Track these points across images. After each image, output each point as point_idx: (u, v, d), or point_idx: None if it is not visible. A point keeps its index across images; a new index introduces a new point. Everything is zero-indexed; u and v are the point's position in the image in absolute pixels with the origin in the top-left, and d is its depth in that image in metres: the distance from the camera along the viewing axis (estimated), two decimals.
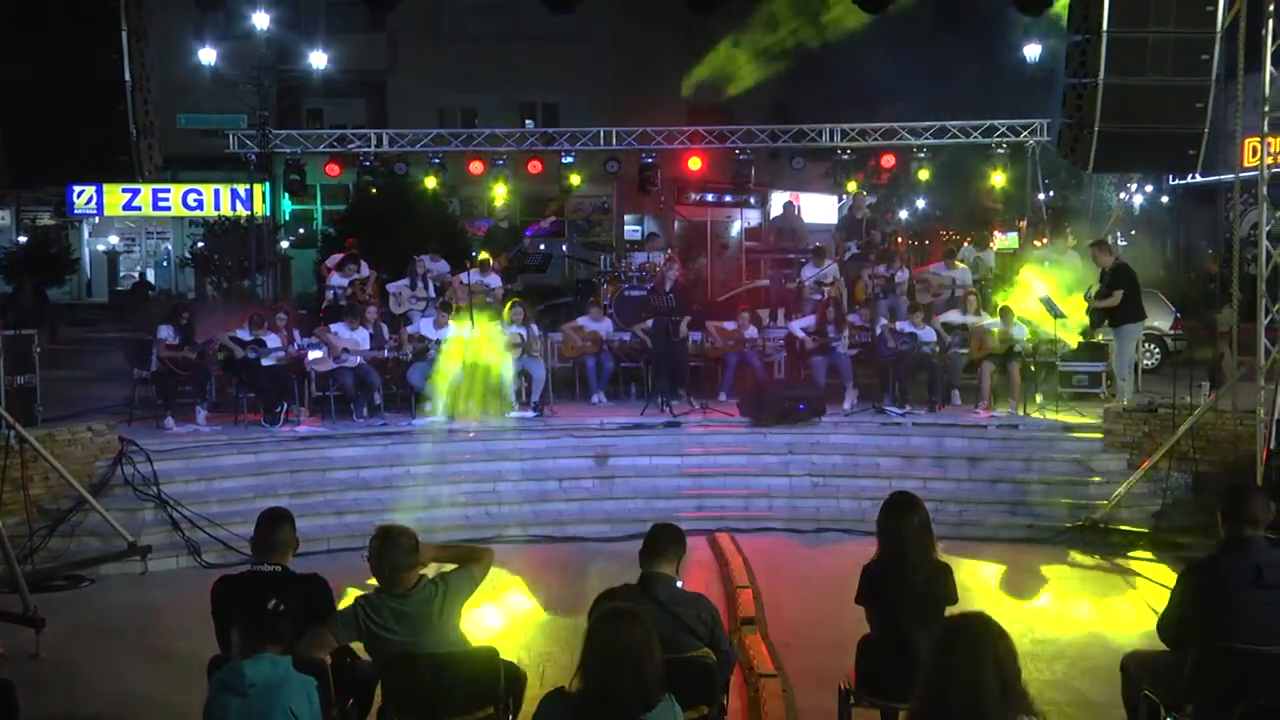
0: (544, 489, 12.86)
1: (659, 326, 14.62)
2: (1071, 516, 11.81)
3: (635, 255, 18.28)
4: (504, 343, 14.12)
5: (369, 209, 21.56)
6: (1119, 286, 13.81)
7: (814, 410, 13.65)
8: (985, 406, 14.03)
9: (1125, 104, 11.32)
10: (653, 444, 13.51)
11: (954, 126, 17.97)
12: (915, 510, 5.59)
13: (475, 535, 11.60)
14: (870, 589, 5.62)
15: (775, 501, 12.76)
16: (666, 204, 25.66)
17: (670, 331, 14.65)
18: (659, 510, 12.09)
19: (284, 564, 5.56)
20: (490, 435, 13.49)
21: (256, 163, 18.19)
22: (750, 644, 8.14)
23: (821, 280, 16.59)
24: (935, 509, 11.67)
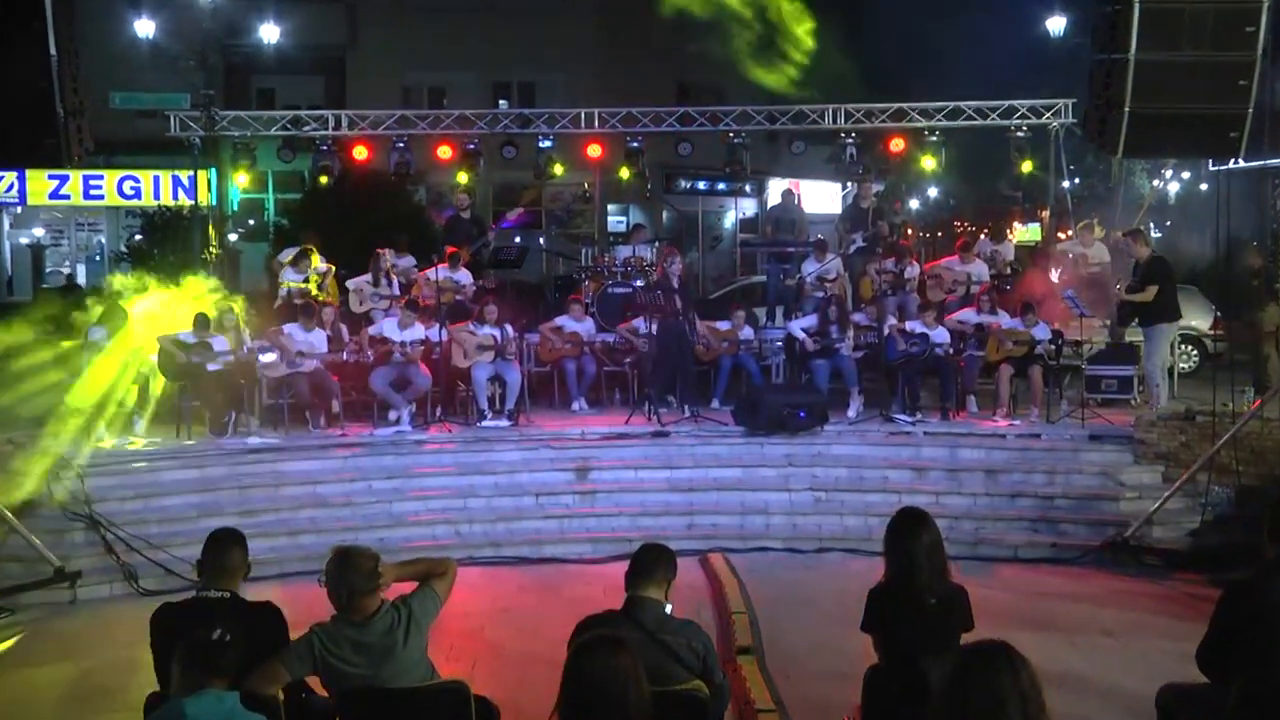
0: (519, 505, 12.84)
1: (670, 330, 14.58)
2: (1100, 535, 11.83)
3: (619, 249, 18.27)
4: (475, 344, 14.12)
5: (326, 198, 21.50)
6: (1153, 281, 13.84)
7: (815, 418, 13.65)
8: (1004, 414, 14.06)
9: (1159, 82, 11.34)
10: (639, 456, 13.50)
11: (969, 107, 18.00)
12: (926, 528, 5.58)
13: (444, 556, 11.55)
14: (878, 614, 5.60)
15: (773, 519, 12.76)
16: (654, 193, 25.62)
17: (685, 333, 14.62)
18: (645, 528, 12.09)
19: (232, 590, 5.52)
20: (461, 447, 13.46)
21: (201, 147, 18.12)
22: (746, 675, 8.12)
23: (824, 276, 16.60)
24: (949, 526, 11.82)
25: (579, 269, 18.20)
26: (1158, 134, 11.78)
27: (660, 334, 14.60)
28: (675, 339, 14.59)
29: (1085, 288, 15.22)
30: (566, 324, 15.33)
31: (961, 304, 15.90)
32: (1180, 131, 11.71)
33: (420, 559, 5.67)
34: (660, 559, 5.44)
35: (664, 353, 14.60)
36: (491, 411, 14.29)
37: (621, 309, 16.08)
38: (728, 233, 36.43)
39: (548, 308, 17.72)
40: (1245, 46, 11.21)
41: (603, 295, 16.71)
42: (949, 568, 5.61)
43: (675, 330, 14.58)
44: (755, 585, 10.65)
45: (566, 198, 32.77)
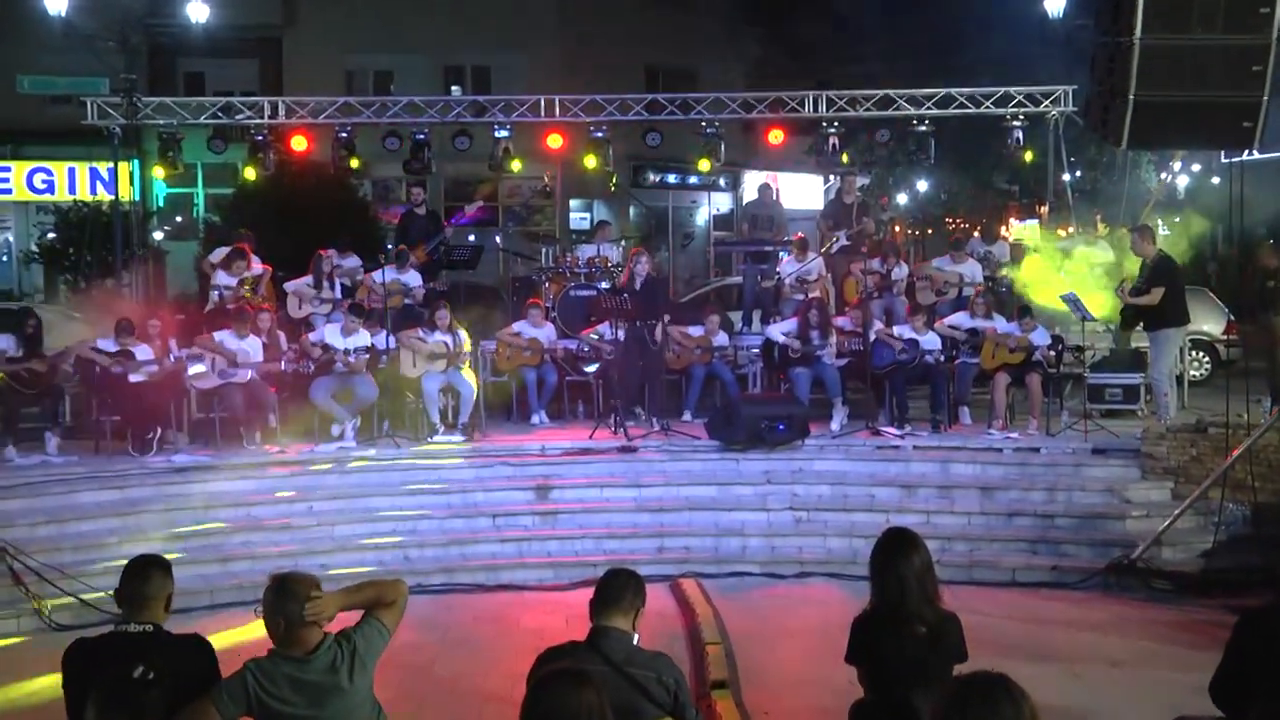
0: (474, 527, 12.81)
1: (630, 334, 14.60)
2: (1104, 557, 11.89)
3: (583, 248, 18.25)
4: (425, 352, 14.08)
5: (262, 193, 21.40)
6: (1159, 282, 13.90)
7: (796, 432, 13.67)
8: (1000, 426, 14.12)
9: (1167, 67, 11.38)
10: (604, 473, 13.50)
11: (961, 94, 18.08)
12: (916, 550, 5.58)
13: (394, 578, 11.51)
14: (864, 644, 5.61)
15: (751, 541, 12.77)
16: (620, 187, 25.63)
17: (646, 340, 14.63)
18: (612, 552, 12.09)
19: (156, 623, 5.45)
20: (411, 464, 13.42)
21: (122, 137, 17.98)
22: (722, 711, 8.11)
23: (804, 277, 16.64)
24: (940, 548, 11.89)
25: (539, 270, 18.17)
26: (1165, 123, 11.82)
27: (625, 340, 14.61)
28: (635, 343, 14.59)
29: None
30: (525, 330, 15.30)
31: (954, 307, 15.97)
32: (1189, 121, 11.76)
33: (367, 584, 5.58)
34: (628, 585, 5.42)
35: (629, 361, 14.59)
36: (443, 425, 14.24)
37: (585, 313, 16.06)
38: (700, 230, 36.51)
39: (505, 312, 17.68)
40: (1260, 29, 11.26)
41: (564, 299, 16.68)
42: (940, 593, 5.62)
43: (634, 335, 14.58)
44: (731, 613, 10.64)
45: (525, 192, 32.74)
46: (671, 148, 19.70)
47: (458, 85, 31.34)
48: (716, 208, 36.89)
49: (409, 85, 27.33)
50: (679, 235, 35.48)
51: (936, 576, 5.64)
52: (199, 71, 32.11)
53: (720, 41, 33.92)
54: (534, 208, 33.18)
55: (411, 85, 26.83)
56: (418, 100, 18.54)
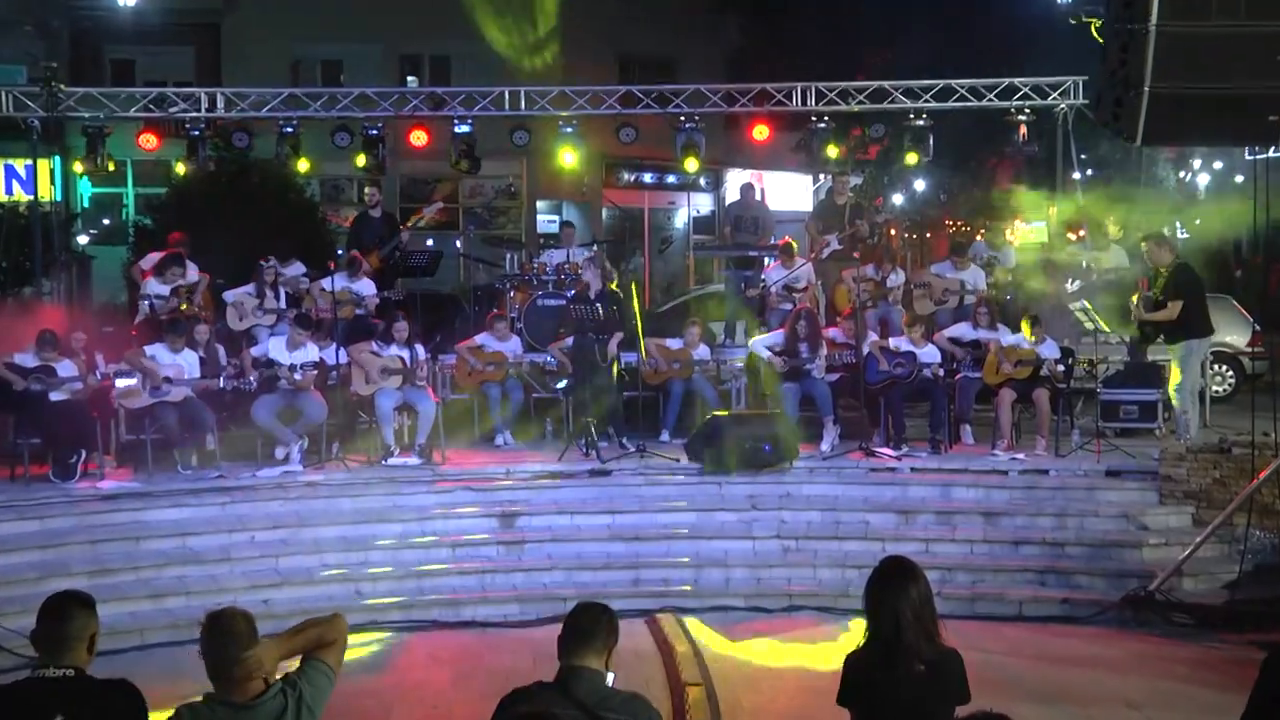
0: (432, 559, 12.79)
1: (581, 346, 14.60)
2: (1120, 589, 11.92)
3: (551, 253, 18.25)
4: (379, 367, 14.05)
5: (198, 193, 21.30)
6: (1178, 294, 13.93)
7: (783, 453, 13.68)
8: (1005, 446, 14.15)
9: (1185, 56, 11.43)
10: (575, 499, 13.48)
11: (962, 86, 18.17)
12: (914, 581, 5.57)
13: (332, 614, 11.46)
14: (857, 684, 5.59)
15: (734, 572, 12.77)
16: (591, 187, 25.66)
17: (597, 353, 14.62)
18: (583, 585, 12.08)
19: (78, 666, 5.39)
20: (362, 489, 13.38)
21: (41, 130, 17.89)
22: None
23: (792, 285, 16.66)
24: (941, 579, 11.91)
25: (503, 277, 18.16)
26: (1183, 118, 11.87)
27: (575, 351, 14.67)
28: (584, 355, 14.56)
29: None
30: (488, 343, 15.27)
31: (955, 317, 16.01)
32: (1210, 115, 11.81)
33: (306, 625, 5.51)
34: (600, 621, 5.40)
35: (576, 370, 14.64)
36: (399, 447, 14.19)
37: (553, 324, 16.04)
38: (679, 234, 36.52)
39: (466, 323, 17.66)
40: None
41: (531, 308, 16.66)
42: (941, 628, 5.61)
43: (584, 346, 14.57)
44: (713, 651, 10.63)
45: (488, 193, 32.72)
46: (647, 144, 19.71)
47: (414, 76, 31.31)
48: (696, 209, 36.89)
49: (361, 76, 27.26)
50: (656, 239, 35.49)
51: (936, 610, 5.63)
52: (128, 59, 31.93)
53: (700, 29, 33.97)
54: (498, 210, 33.15)
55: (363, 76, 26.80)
56: (370, 92, 18.55)
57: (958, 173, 30.82)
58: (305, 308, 15.70)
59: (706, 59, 32.80)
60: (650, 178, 34.84)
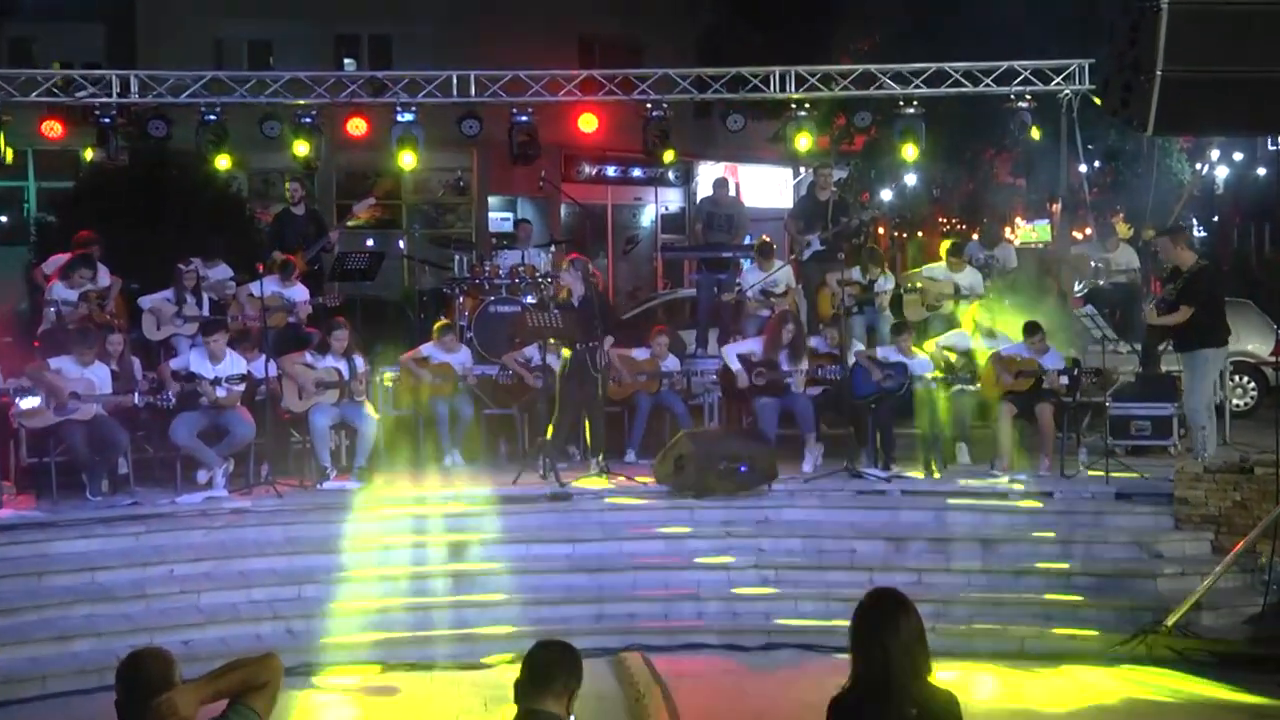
0: (373, 593, 12.71)
1: (571, 359, 14.58)
2: (1132, 623, 11.94)
3: (504, 254, 18.23)
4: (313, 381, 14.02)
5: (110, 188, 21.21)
6: (1195, 296, 13.97)
7: (761, 474, 13.71)
8: (1004, 466, 14.21)
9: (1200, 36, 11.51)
10: (532, 525, 13.47)
11: (956, 70, 18.23)
12: (906, 615, 5.59)
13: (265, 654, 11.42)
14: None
15: (708, 606, 12.78)
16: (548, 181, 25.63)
17: (588, 365, 14.62)
18: (541, 621, 12.05)
19: None
20: (295, 517, 13.33)
21: None
22: None
23: (770, 289, 16.69)
24: (934, 613, 11.88)
25: (451, 281, 18.14)
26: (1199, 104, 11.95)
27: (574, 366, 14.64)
28: (577, 371, 14.57)
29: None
30: (435, 354, 15.26)
31: (948, 324, 16.07)
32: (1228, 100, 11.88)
33: (233, 665, 5.47)
34: (560, 661, 5.41)
35: (563, 390, 14.57)
36: (336, 470, 14.17)
37: (507, 333, 16.03)
38: (646, 233, 36.57)
39: (410, 332, 17.63)
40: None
41: (482, 316, 16.65)
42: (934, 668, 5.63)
43: (576, 360, 14.57)
44: (685, 693, 10.62)
45: (434, 188, 32.71)
46: (610, 135, 19.73)
47: (351, 58, 31.28)
48: (665, 206, 36.99)
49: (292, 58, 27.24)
50: (620, 239, 35.51)
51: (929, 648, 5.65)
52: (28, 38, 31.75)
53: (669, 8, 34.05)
54: (445, 207, 33.14)
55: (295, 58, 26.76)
56: (303, 76, 18.45)
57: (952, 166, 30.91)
58: (231, 315, 15.64)
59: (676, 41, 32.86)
60: (614, 171, 34.89)
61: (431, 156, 19.76)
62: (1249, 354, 19.44)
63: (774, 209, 32.13)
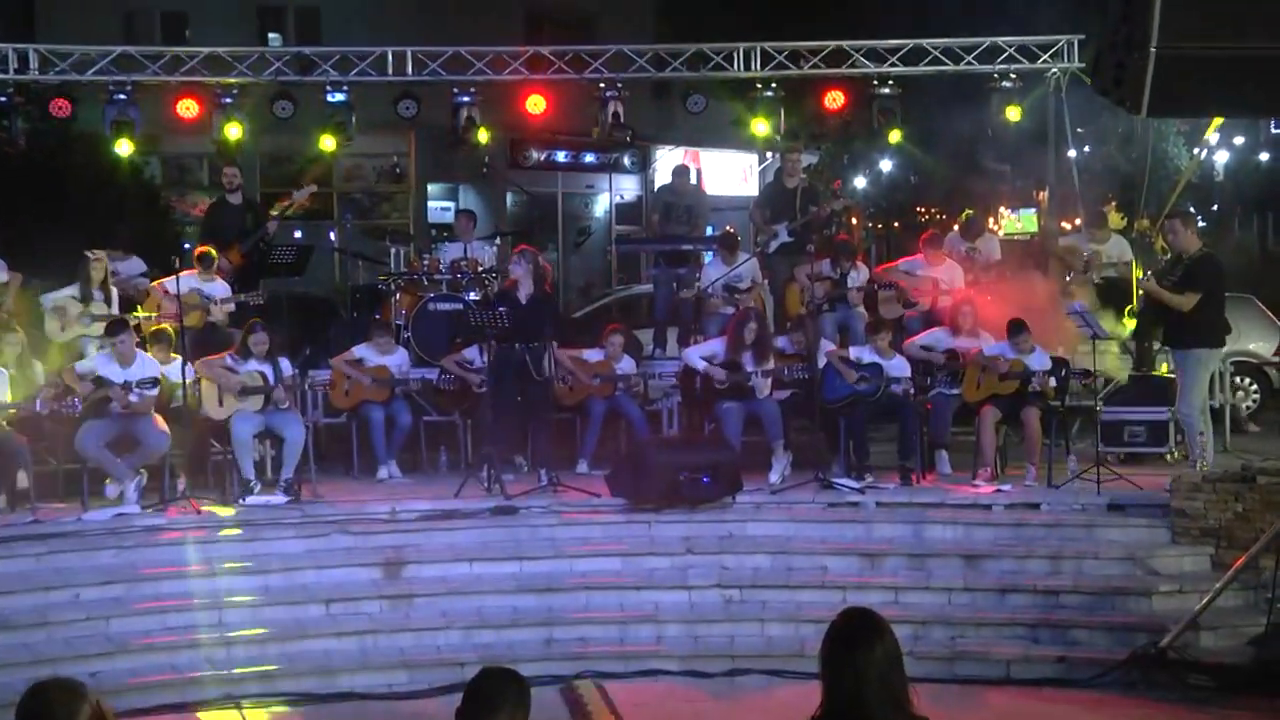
0: (301, 617, 12.67)
1: (505, 359, 14.55)
2: (1125, 645, 11.96)
3: (446, 247, 18.22)
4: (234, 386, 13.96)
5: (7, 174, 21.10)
6: (1196, 286, 14.08)
7: (725, 485, 13.71)
8: (988, 475, 14.25)
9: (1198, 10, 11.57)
10: (475, 542, 13.45)
11: (935, 48, 18.30)
12: (880, 638, 5.59)
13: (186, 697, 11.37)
14: None
15: (667, 629, 12.78)
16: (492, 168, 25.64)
17: (528, 367, 14.59)
18: (485, 648, 12.05)
19: None
20: (214, 534, 13.27)
21: None
22: None
23: (734, 284, 16.71)
24: (913, 635, 11.95)
25: (387, 277, 18.09)
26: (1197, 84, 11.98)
27: (497, 366, 14.57)
28: (513, 371, 14.56)
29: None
30: (369, 356, 15.23)
31: (926, 322, 16.12)
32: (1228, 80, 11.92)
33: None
34: (506, 691, 5.40)
35: (503, 394, 14.55)
36: (260, 483, 14.11)
37: (448, 333, 16.01)
38: (599, 224, 36.58)
39: (342, 332, 17.57)
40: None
41: (421, 314, 16.63)
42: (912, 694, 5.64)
43: (517, 362, 14.55)
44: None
45: (369, 175, 32.64)
46: (560, 116, 19.72)
47: (276, 32, 31.16)
48: (620, 194, 37.00)
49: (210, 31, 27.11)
50: (571, 231, 35.51)
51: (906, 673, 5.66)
52: None
53: None
54: (380, 195, 33.07)
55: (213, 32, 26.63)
56: (222, 52, 18.37)
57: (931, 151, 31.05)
58: (143, 313, 15.55)
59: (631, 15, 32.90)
60: (564, 156, 34.87)
61: (365, 141, 19.73)
62: (1250, 354, 19.48)
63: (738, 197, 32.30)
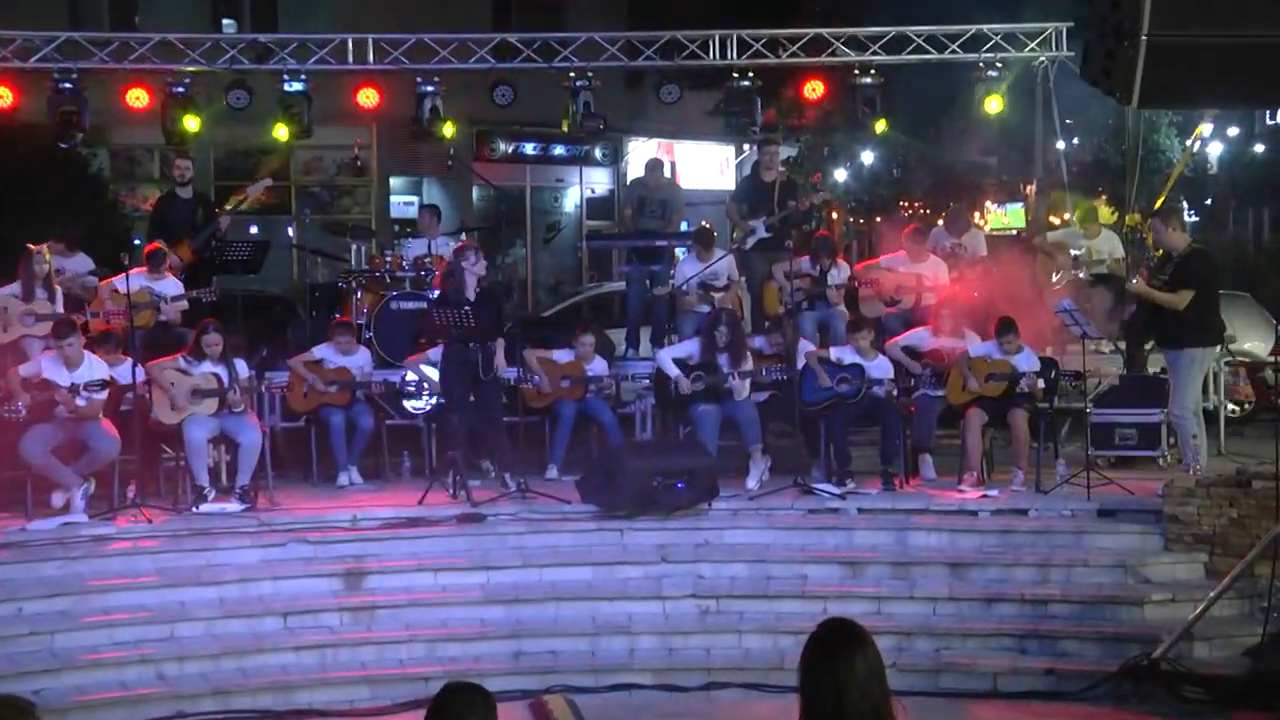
0: (258, 630, 12.64)
1: (455, 358, 14.54)
2: (1117, 656, 12.00)
3: (409, 244, 18.21)
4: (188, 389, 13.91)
5: None
6: (1188, 283, 14.12)
7: (700, 491, 13.71)
8: (974, 480, 14.26)
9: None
10: (440, 551, 13.45)
11: (919, 35, 18.31)
12: (862, 649, 5.58)
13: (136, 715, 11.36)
14: None
15: (640, 641, 12.79)
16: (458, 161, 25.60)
17: (477, 366, 14.56)
18: (451, 661, 12.08)
19: None
20: (167, 544, 13.22)
21: None
22: None
23: (709, 282, 16.70)
24: (896, 647, 11.98)
25: (348, 274, 18.05)
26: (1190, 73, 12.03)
27: (447, 366, 14.59)
28: (461, 371, 14.54)
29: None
30: (329, 357, 15.19)
31: (907, 321, 16.12)
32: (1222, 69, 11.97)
33: None
34: (472, 707, 5.37)
35: (451, 396, 14.57)
36: (215, 490, 14.04)
37: (412, 334, 15.97)
38: (569, 219, 36.55)
39: (301, 332, 17.52)
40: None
41: (383, 313, 16.60)
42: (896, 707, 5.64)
43: (462, 360, 14.55)
44: None
45: (328, 168, 32.55)
46: (529, 107, 19.70)
47: (230, 19, 31.05)
48: (591, 189, 36.96)
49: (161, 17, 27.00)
50: (540, 226, 35.48)
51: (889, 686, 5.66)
52: None
53: None
54: (340, 189, 32.98)
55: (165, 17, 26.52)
56: (174, 38, 18.31)
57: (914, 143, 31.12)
58: (92, 312, 15.49)
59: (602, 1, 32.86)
60: (533, 149, 34.84)
61: (324, 132, 19.66)
62: (1246, 354, 19.53)
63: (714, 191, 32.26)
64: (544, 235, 35.18)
